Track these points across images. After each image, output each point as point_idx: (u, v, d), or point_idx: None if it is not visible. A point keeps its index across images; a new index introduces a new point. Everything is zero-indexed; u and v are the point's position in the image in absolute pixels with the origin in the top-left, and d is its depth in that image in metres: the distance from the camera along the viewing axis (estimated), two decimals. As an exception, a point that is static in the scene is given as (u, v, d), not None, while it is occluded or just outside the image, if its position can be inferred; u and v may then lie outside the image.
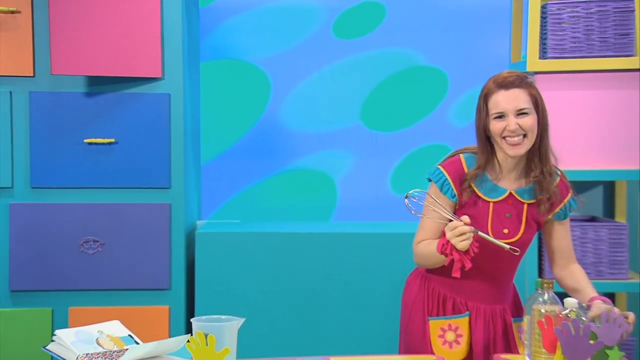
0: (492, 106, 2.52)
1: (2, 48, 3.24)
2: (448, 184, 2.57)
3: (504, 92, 2.51)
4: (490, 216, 2.55)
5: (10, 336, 3.25)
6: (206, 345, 2.28)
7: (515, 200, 2.57)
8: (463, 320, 2.60)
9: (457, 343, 2.60)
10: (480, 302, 2.62)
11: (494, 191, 2.56)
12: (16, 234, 3.25)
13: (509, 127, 2.48)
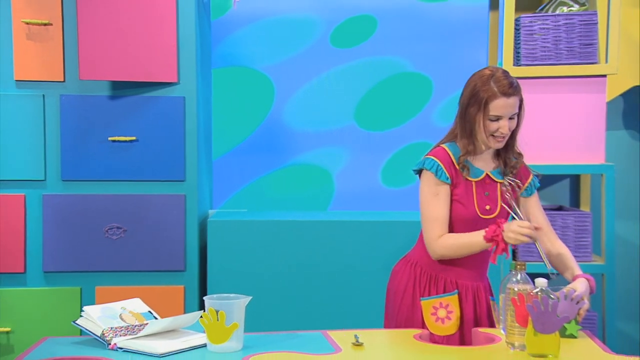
0: (492, 109, 2.54)
1: (36, 56, 3.24)
2: (441, 169, 2.59)
3: (505, 99, 2.54)
4: (475, 194, 2.58)
5: (44, 312, 3.26)
6: (217, 320, 2.29)
7: (490, 180, 2.62)
8: (453, 298, 2.61)
9: (448, 319, 2.61)
10: (467, 280, 2.64)
11: (473, 172, 2.60)
12: (49, 222, 3.26)
13: (502, 130, 2.55)
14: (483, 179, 2.61)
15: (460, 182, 2.60)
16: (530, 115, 3.38)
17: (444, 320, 2.62)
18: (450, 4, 3.87)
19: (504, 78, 2.57)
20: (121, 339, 2.36)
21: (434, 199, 2.59)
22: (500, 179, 2.62)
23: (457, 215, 2.59)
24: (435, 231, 2.58)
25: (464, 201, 2.57)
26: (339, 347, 2.37)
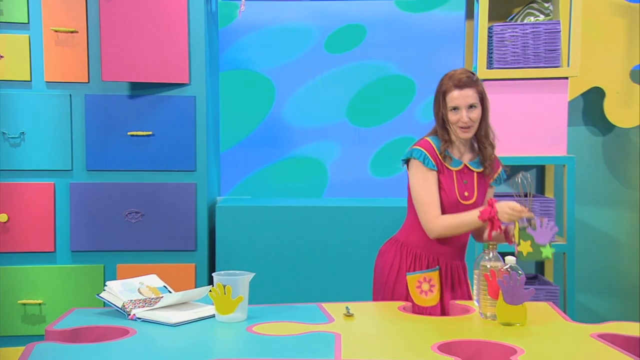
0: (449, 101, 2.58)
1: (64, 60, 3.23)
2: (428, 158, 2.60)
3: (459, 91, 2.57)
4: (456, 182, 2.59)
5: (72, 286, 3.26)
6: (224, 294, 2.29)
7: (468, 170, 2.63)
8: (435, 274, 2.63)
9: (431, 292, 2.63)
10: (448, 258, 2.65)
11: (453, 163, 2.61)
12: (75, 207, 3.25)
13: (462, 119, 2.56)
14: (462, 169, 2.63)
15: (444, 170, 2.61)
16: (502, 112, 3.40)
17: (427, 293, 2.63)
18: (431, 14, 3.86)
19: (461, 74, 2.60)
20: (139, 310, 2.36)
21: (425, 183, 2.60)
22: (478, 168, 2.63)
23: (440, 200, 2.60)
24: (432, 212, 2.59)
25: (446, 188, 2.59)
26: (332, 317, 2.37)
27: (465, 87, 2.56)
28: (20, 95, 3.23)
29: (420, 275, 2.63)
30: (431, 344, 2.05)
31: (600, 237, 3.80)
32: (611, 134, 3.80)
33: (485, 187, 2.66)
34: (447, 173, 2.61)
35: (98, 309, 2.51)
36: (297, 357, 1.96)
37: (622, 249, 3.81)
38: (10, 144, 3.23)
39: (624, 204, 3.82)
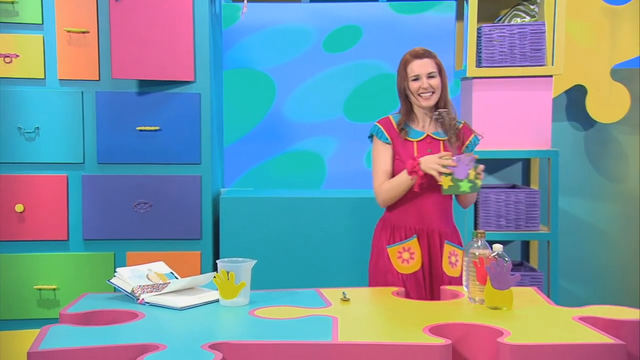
0: (409, 71, 2.67)
1: (76, 59, 3.22)
2: (382, 132, 2.69)
3: (418, 61, 2.66)
4: (416, 151, 2.62)
5: (84, 273, 3.25)
6: (228, 280, 2.29)
7: (432, 139, 2.67)
8: (413, 242, 2.66)
9: (411, 259, 2.65)
10: (423, 225, 2.66)
11: (415, 134, 2.66)
12: (87, 198, 3.25)
13: (423, 86, 2.64)
14: (424, 139, 2.66)
15: (400, 143, 2.65)
16: (490, 109, 3.40)
17: (408, 261, 2.66)
18: (423, 16, 3.85)
19: (419, 48, 2.71)
20: (148, 295, 2.36)
21: (378, 155, 2.70)
22: (442, 137, 2.66)
23: (399, 171, 2.62)
24: (378, 181, 2.68)
25: (404, 159, 2.64)
26: (330, 302, 2.38)
27: (424, 57, 2.67)
28: (34, 92, 3.22)
29: (399, 246, 2.67)
30: (423, 326, 2.05)
31: (582, 226, 3.81)
32: (593, 129, 3.80)
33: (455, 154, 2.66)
34: (407, 144, 2.65)
35: (109, 293, 2.51)
36: (297, 339, 1.96)
37: (602, 237, 3.82)
38: (26, 138, 3.22)
39: (604, 195, 3.82)
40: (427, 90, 2.64)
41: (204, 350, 1.85)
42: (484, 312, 2.24)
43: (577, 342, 1.92)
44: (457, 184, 2.50)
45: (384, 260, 2.70)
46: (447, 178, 2.51)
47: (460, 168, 2.50)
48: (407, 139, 2.67)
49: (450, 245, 2.69)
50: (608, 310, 2.22)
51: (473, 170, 2.51)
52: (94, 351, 1.87)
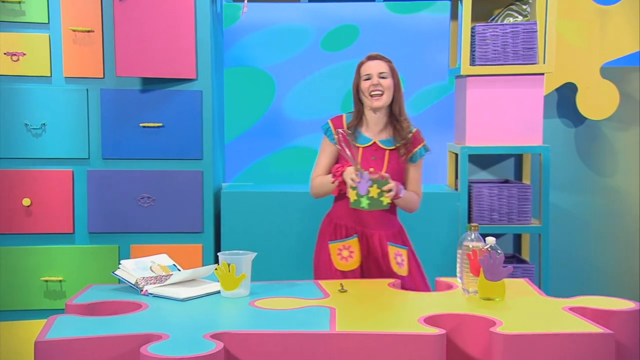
0: (362, 71, 2.69)
1: (81, 57, 3.21)
2: (330, 131, 2.69)
3: (371, 62, 2.69)
4: (360, 157, 2.62)
5: (89, 265, 3.25)
6: (229, 272, 2.29)
7: (378, 147, 2.66)
8: (353, 241, 2.67)
9: (350, 257, 2.66)
10: (365, 227, 2.67)
11: (362, 140, 2.65)
12: (92, 192, 3.24)
13: (373, 82, 2.65)
14: (371, 146, 2.65)
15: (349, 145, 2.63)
16: (483, 106, 3.39)
17: (347, 259, 2.67)
18: (419, 15, 3.85)
19: (375, 53, 2.72)
20: (151, 286, 2.37)
21: (323, 151, 2.73)
22: (388, 146, 2.65)
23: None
24: (315, 173, 2.72)
25: (348, 162, 2.61)
26: (328, 293, 2.38)
27: (377, 59, 2.68)
28: (41, 89, 3.21)
29: (340, 243, 2.68)
30: (418, 316, 2.05)
31: (572, 220, 3.81)
32: (583, 126, 3.80)
33: (398, 163, 2.66)
34: (354, 149, 2.63)
35: (113, 285, 2.51)
36: (296, 329, 1.96)
37: (592, 230, 3.82)
38: (33, 134, 3.22)
39: (594, 190, 3.82)
40: (377, 87, 2.63)
41: (205, 339, 1.85)
42: (477, 302, 2.24)
43: (567, 332, 1.93)
44: (359, 199, 2.51)
45: (326, 255, 2.73)
46: (353, 192, 2.52)
47: (362, 184, 2.50)
48: (355, 143, 2.65)
49: (393, 247, 2.68)
50: (597, 301, 2.23)
51: (376, 188, 2.49)
52: (99, 340, 1.87)
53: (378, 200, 2.50)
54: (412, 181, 2.73)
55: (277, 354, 1.89)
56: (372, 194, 2.49)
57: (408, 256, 2.73)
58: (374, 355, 1.88)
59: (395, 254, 2.68)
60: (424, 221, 3.37)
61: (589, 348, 1.90)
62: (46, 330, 1.95)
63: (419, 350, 1.87)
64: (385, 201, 2.51)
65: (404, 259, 2.70)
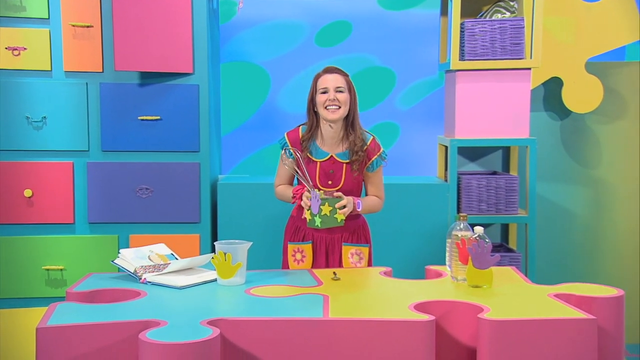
0: (319, 84, 2.64)
1: (80, 52, 3.20)
2: (288, 149, 2.65)
3: (328, 75, 2.64)
4: (318, 171, 2.60)
5: (89, 254, 3.24)
6: (225, 260, 2.29)
7: (335, 161, 2.63)
8: (307, 246, 2.66)
9: (302, 261, 2.67)
10: (322, 233, 2.66)
11: (319, 154, 2.62)
12: (92, 183, 3.23)
13: (329, 97, 2.61)
14: (328, 159, 2.63)
15: (309, 160, 2.64)
16: (472, 99, 3.39)
17: (299, 262, 2.67)
18: (410, 12, 3.85)
19: (329, 66, 2.68)
20: (150, 275, 2.36)
21: (281, 165, 2.69)
22: (344, 159, 2.63)
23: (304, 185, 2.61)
24: (277, 182, 2.73)
25: (310, 176, 2.61)
26: (321, 281, 2.38)
27: (334, 73, 2.64)
28: (41, 83, 3.19)
29: (296, 246, 2.69)
30: (408, 303, 2.06)
31: (557, 210, 3.82)
32: (568, 119, 3.81)
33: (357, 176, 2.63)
34: (312, 164, 2.63)
35: (113, 273, 2.51)
36: (290, 315, 1.96)
37: (577, 220, 3.84)
38: (34, 127, 3.20)
39: (579, 181, 3.83)
40: (333, 102, 2.59)
41: (202, 326, 1.86)
42: (465, 290, 2.25)
43: (552, 317, 1.94)
44: (313, 218, 2.52)
45: (285, 253, 2.73)
46: (308, 212, 2.53)
47: (313, 203, 2.51)
48: (312, 157, 2.63)
49: (348, 247, 2.68)
50: (580, 288, 2.24)
51: (327, 206, 2.49)
52: (99, 327, 1.87)
53: (332, 218, 2.50)
54: (374, 188, 2.71)
55: (272, 339, 1.89)
56: (324, 212, 2.49)
57: (369, 253, 2.71)
58: (366, 340, 1.89)
59: (350, 254, 2.66)
60: (414, 211, 3.37)
61: (573, 333, 1.91)
62: (47, 317, 1.95)
63: (409, 336, 1.88)
64: (339, 218, 2.51)
65: (364, 257, 2.67)
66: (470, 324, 2.00)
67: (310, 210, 2.51)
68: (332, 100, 2.58)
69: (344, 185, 2.62)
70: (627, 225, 3.84)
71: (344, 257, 2.65)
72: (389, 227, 3.32)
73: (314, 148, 2.65)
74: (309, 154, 2.63)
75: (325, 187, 2.61)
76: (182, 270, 2.44)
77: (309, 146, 2.64)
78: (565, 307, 2.04)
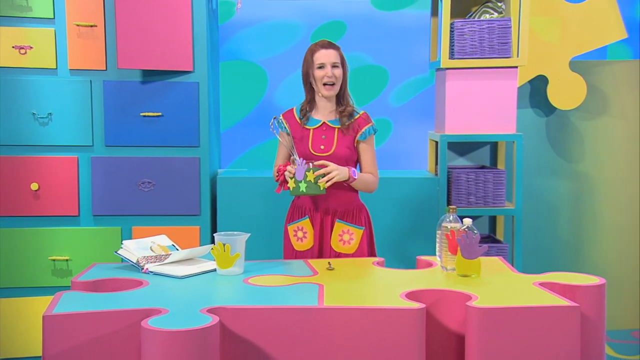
0: (315, 60, 2.64)
1: (84, 50, 3.18)
2: (282, 122, 2.70)
3: (324, 50, 2.64)
4: (311, 137, 2.64)
5: (93, 245, 3.24)
6: (224, 251, 2.29)
7: (328, 127, 2.66)
8: (305, 222, 2.67)
9: (304, 238, 2.66)
10: (315, 205, 2.67)
11: (312, 122, 2.65)
12: (96, 178, 3.22)
13: (327, 74, 2.60)
14: (321, 126, 2.65)
15: (299, 130, 2.67)
16: (461, 96, 3.39)
17: (302, 240, 2.68)
18: (402, 12, 3.84)
19: (324, 39, 2.69)
20: (151, 265, 2.36)
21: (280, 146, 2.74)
22: (336, 125, 2.64)
23: (299, 152, 2.66)
24: (275, 162, 2.76)
25: (303, 142, 2.64)
26: (316, 271, 2.38)
27: (329, 48, 2.65)
28: (47, 81, 3.18)
29: (294, 225, 2.69)
30: (400, 292, 2.06)
31: (543, 203, 3.83)
32: (553, 115, 3.81)
33: (347, 140, 2.64)
34: (305, 131, 2.65)
35: (116, 264, 2.50)
36: (286, 304, 1.96)
37: (560, 212, 3.85)
38: (40, 123, 3.19)
39: (563, 175, 3.84)
40: (330, 79, 2.61)
41: (202, 314, 1.85)
42: (455, 279, 2.25)
43: (537, 305, 1.94)
44: (297, 185, 2.54)
45: (287, 237, 2.74)
46: (292, 180, 2.56)
47: (299, 170, 2.53)
48: (305, 126, 2.65)
49: (342, 224, 2.66)
50: (564, 277, 2.24)
51: (312, 173, 2.51)
52: (103, 315, 1.87)
53: (315, 185, 2.51)
54: (367, 162, 2.70)
55: (269, 326, 1.89)
56: (309, 179, 2.50)
57: (362, 236, 2.69)
58: (359, 328, 1.89)
59: (342, 231, 2.65)
60: (406, 204, 3.37)
61: (557, 319, 1.91)
62: (53, 305, 1.94)
63: (400, 323, 1.88)
64: (322, 186, 2.52)
65: (353, 238, 2.66)
66: (459, 311, 2.00)
67: (294, 178, 2.52)
68: (329, 77, 2.61)
69: (336, 150, 2.64)
70: (608, 216, 3.85)
71: (334, 233, 2.65)
72: (382, 219, 3.32)
73: (309, 117, 2.68)
74: (305, 123, 2.67)
75: (318, 152, 2.64)
76: (183, 261, 2.44)
77: (306, 115, 2.67)
78: (549, 295, 2.05)
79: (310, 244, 2.66)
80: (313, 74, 2.65)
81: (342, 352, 1.88)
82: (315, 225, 2.67)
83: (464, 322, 1.96)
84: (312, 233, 2.66)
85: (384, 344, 1.88)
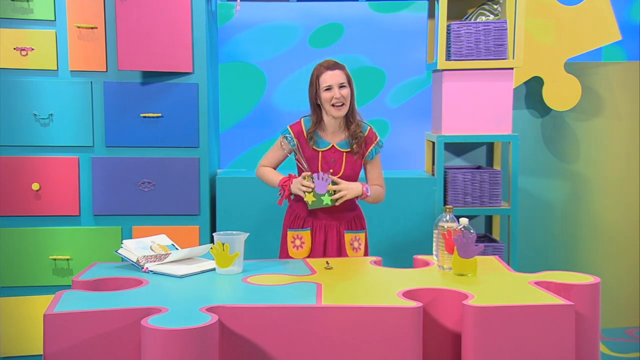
0: (322, 82, 2.59)
1: (85, 52, 3.18)
2: (292, 137, 2.65)
3: (330, 72, 2.59)
4: (320, 160, 2.61)
5: (94, 244, 3.23)
6: (223, 250, 2.29)
7: (336, 150, 2.63)
8: (306, 233, 2.65)
9: (301, 247, 2.65)
10: (321, 220, 2.65)
11: (321, 144, 2.62)
12: (97, 178, 3.22)
13: (335, 96, 2.58)
14: (330, 149, 2.63)
15: (308, 150, 2.63)
16: (458, 97, 3.39)
17: (298, 248, 2.66)
18: (399, 15, 3.84)
19: (329, 60, 2.63)
20: (151, 264, 2.36)
21: (276, 147, 2.70)
22: (344, 148, 2.63)
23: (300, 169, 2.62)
24: (263, 162, 2.73)
25: (310, 164, 2.59)
26: (315, 270, 2.38)
27: (335, 69, 2.60)
28: (48, 82, 3.17)
29: (295, 232, 2.68)
30: (397, 291, 2.06)
31: (538, 202, 3.83)
32: (548, 116, 3.81)
33: (355, 163, 2.64)
34: (312, 153, 2.62)
35: (116, 263, 2.50)
36: (285, 303, 1.96)
37: (556, 211, 3.85)
38: (41, 124, 3.19)
39: (558, 175, 3.84)
40: (339, 100, 2.58)
41: (201, 312, 1.85)
42: (451, 278, 2.25)
43: (533, 304, 1.94)
44: (319, 199, 2.53)
45: (285, 240, 2.73)
46: (309, 194, 2.53)
47: (319, 184, 2.51)
48: (314, 148, 2.64)
49: (350, 234, 2.68)
50: (559, 276, 2.24)
51: (331, 185, 2.54)
52: (103, 314, 1.86)
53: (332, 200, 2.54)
54: (375, 177, 2.72)
55: (268, 325, 1.89)
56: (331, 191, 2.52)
57: (365, 239, 2.74)
58: (357, 326, 1.89)
59: (352, 240, 2.67)
60: (403, 204, 3.38)
61: (552, 318, 1.91)
62: (54, 304, 1.94)
63: (398, 322, 1.88)
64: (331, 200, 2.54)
65: (361, 243, 2.70)
66: (456, 310, 2.00)
67: (313, 192, 2.50)
68: (338, 99, 2.57)
69: (344, 172, 2.63)
70: (603, 216, 3.86)
71: (347, 244, 2.66)
72: (380, 219, 3.33)
73: (317, 138, 2.65)
74: (313, 146, 2.64)
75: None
76: (182, 260, 2.44)
77: (314, 137, 2.64)
78: (545, 294, 2.05)
79: (307, 253, 2.67)
80: (320, 96, 2.61)
81: (340, 351, 1.88)
82: (319, 236, 2.66)
83: (460, 321, 1.96)
84: (309, 245, 2.66)
85: (381, 343, 1.88)
